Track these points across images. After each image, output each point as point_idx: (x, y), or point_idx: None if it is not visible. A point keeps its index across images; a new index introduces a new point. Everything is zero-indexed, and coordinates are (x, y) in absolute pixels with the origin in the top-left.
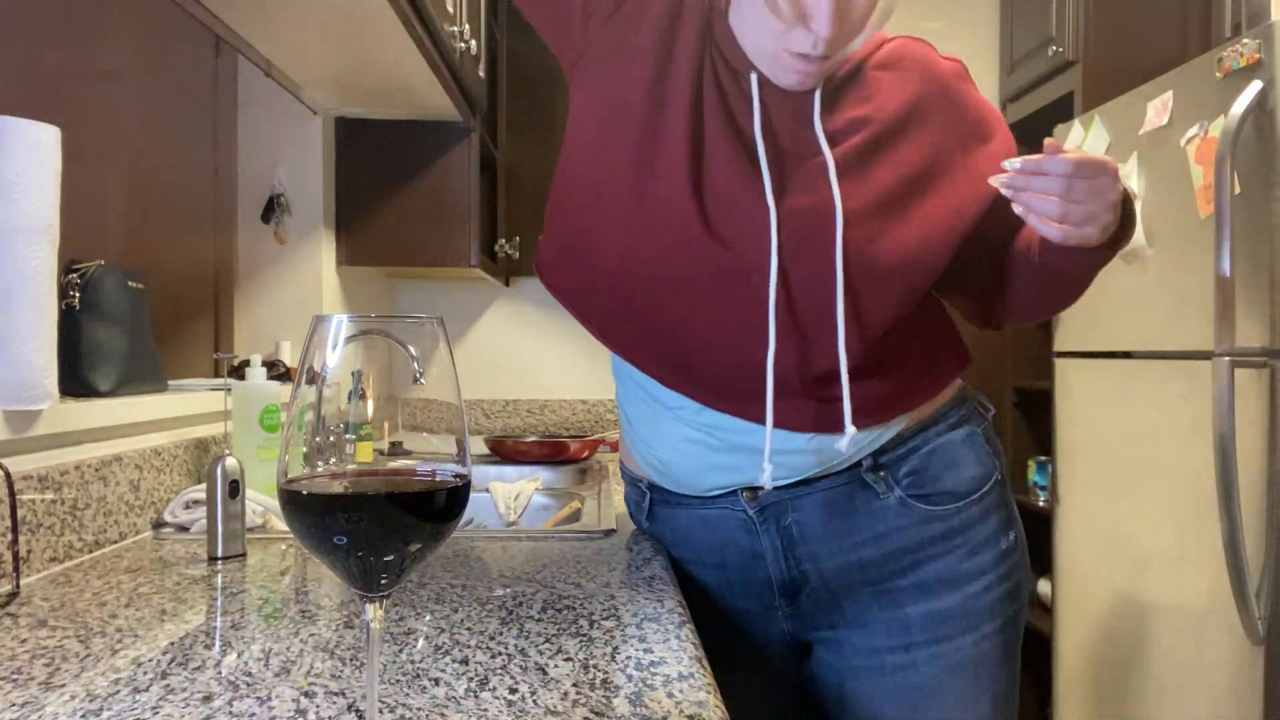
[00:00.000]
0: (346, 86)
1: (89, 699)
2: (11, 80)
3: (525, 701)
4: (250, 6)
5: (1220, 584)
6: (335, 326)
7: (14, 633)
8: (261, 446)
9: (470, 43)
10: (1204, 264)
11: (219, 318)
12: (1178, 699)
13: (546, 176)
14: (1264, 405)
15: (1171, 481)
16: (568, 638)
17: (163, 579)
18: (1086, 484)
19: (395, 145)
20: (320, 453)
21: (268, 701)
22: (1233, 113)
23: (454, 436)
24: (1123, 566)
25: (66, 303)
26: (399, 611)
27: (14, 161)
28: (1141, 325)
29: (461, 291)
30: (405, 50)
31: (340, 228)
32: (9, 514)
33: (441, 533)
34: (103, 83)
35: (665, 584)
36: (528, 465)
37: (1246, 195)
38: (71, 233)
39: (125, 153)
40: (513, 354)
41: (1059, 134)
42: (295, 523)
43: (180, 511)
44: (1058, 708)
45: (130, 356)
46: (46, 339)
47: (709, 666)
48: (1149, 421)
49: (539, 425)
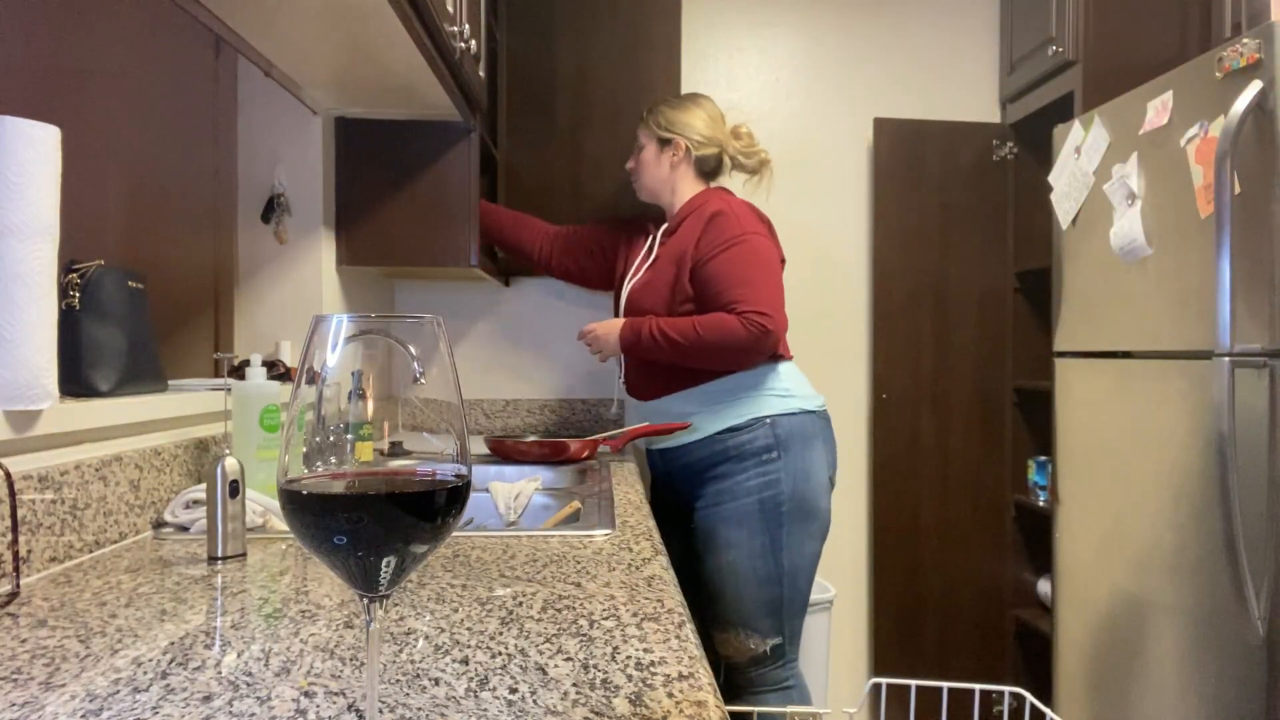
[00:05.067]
0: (346, 86)
1: (89, 699)
2: (11, 80)
3: (525, 701)
4: (250, 6)
5: (1220, 584)
6: (335, 326)
7: (14, 633)
8: (261, 446)
9: (470, 43)
10: (1204, 264)
11: (219, 318)
12: (1178, 699)
13: (546, 176)
14: (1264, 405)
15: (1171, 481)
16: (568, 638)
17: (163, 579)
18: (1086, 484)
19: (395, 145)
20: (320, 453)
21: (268, 701)
22: (1233, 113)
23: (454, 436)
24: (1123, 566)
25: (66, 303)
26: (399, 611)
27: (14, 161)
28: (1141, 325)
29: (461, 291)
30: (405, 50)
31: (340, 228)
32: (9, 514)
33: (442, 533)
34: (103, 83)
35: (665, 584)
36: (528, 465)
37: (1246, 195)
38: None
39: (125, 153)
40: (513, 354)
41: (1059, 134)
42: (295, 523)
43: (180, 511)
44: (1058, 707)
45: (130, 356)
46: (46, 339)
47: (709, 666)
48: (1149, 421)
49: (539, 425)
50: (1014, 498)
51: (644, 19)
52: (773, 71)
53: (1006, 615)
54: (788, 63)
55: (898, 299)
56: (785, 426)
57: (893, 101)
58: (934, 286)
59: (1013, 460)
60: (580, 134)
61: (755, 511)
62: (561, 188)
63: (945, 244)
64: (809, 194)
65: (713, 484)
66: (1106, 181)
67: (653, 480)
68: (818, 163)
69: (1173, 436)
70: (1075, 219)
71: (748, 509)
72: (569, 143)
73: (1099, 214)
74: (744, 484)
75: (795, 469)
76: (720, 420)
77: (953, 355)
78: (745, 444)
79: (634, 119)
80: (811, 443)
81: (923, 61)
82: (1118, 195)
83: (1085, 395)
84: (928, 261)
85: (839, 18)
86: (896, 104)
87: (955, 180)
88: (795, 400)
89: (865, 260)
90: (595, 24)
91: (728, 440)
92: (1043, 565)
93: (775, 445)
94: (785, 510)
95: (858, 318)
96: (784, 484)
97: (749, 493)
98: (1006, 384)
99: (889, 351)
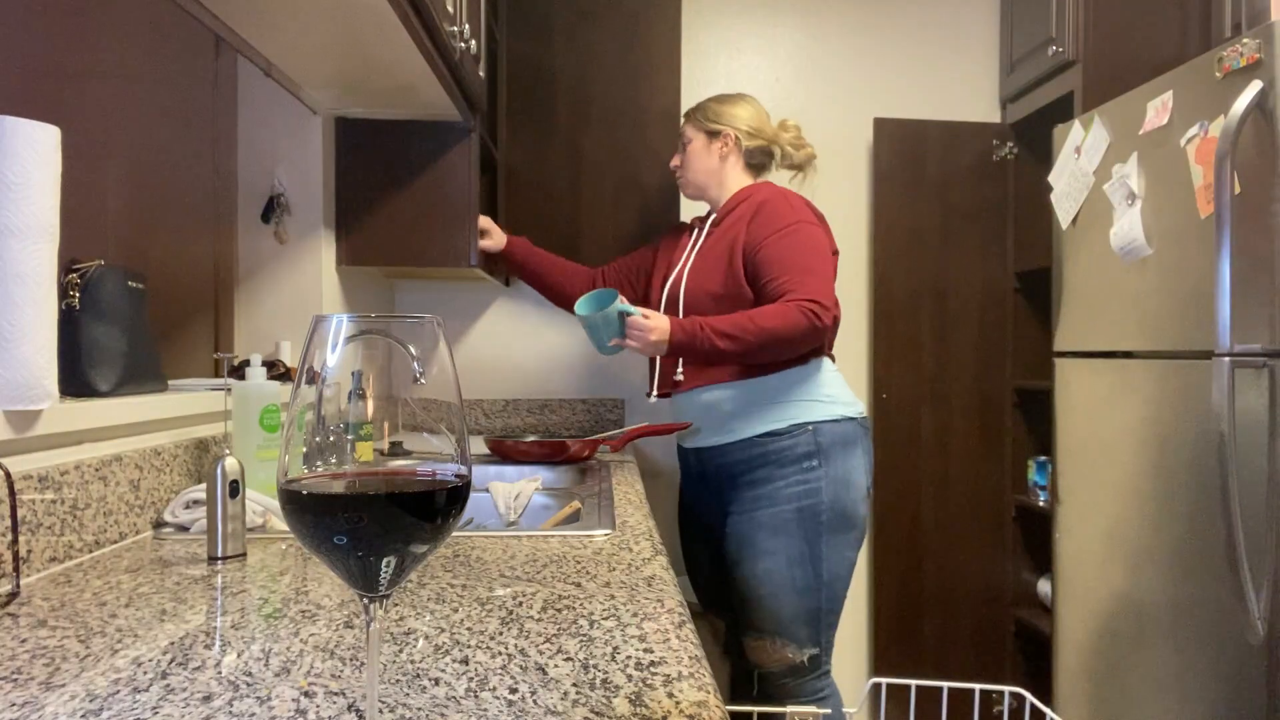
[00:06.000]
0: (346, 86)
1: (89, 699)
2: (11, 80)
3: (525, 701)
4: (250, 6)
5: (1220, 584)
6: (335, 326)
7: (14, 633)
8: (261, 446)
9: (470, 43)
10: (1204, 264)
11: (219, 318)
12: (1178, 699)
13: (546, 176)
14: (1264, 405)
15: (1171, 482)
16: (568, 638)
17: (163, 579)
18: (1086, 484)
19: (395, 145)
20: (320, 453)
21: (268, 701)
22: (1233, 113)
23: (454, 436)
24: (1122, 566)
25: (66, 303)
26: (399, 611)
27: (14, 161)
28: (1141, 325)
29: (461, 291)
30: (405, 50)
31: (340, 228)
32: (9, 514)
33: (441, 533)
34: (103, 83)
35: (665, 584)
36: (528, 465)
37: (1246, 195)
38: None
39: (125, 153)
40: (513, 354)
41: (1059, 134)
42: (295, 523)
43: (180, 511)
44: (1058, 707)
45: (130, 356)
46: (46, 339)
47: (710, 666)
48: (1149, 421)
49: (539, 425)
50: (1014, 498)
51: (644, 19)
52: (773, 71)
53: (1006, 615)
54: (788, 62)
55: (898, 299)
56: (827, 434)
57: (893, 101)
58: (934, 286)
59: (1013, 460)
60: (580, 134)
61: (794, 519)
62: (561, 188)
63: (945, 244)
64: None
65: (750, 488)
66: (1106, 181)
67: (683, 478)
68: (818, 163)
69: (1173, 436)
70: (1075, 219)
71: (786, 516)
72: (569, 143)
73: (1099, 214)
74: (783, 490)
75: (836, 477)
76: (762, 423)
77: (953, 355)
78: (786, 449)
79: (634, 118)
80: (852, 450)
81: (923, 61)
82: (1118, 195)
83: (1085, 395)
84: (928, 261)
85: (839, 17)
86: (896, 104)
87: (955, 180)
88: (839, 407)
89: (865, 260)
90: (595, 24)
91: (769, 444)
92: (1043, 565)
93: (817, 452)
94: (825, 520)
95: (858, 318)
96: (825, 493)
97: (789, 500)
98: (1006, 384)
99: (889, 351)
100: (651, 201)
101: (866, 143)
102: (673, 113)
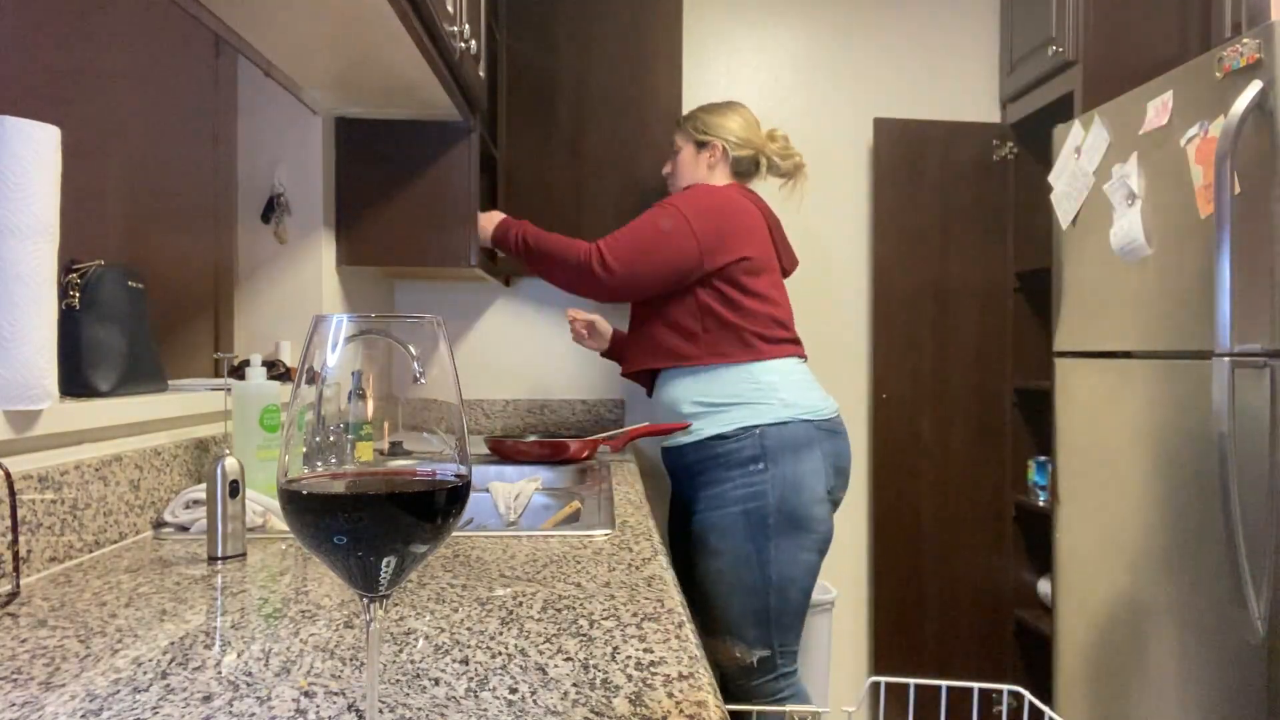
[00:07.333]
0: (346, 86)
1: (89, 699)
2: (11, 80)
3: (525, 701)
4: (250, 6)
5: (1220, 584)
6: (335, 326)
7: (14, 633)
8: (261, 446)
9: (470, 43)
10: (1204, 264)
11: (219, 318)
12: (1178, 699)
13: (546, 176)
14: (1264, 405)
15: (1172, 482)
16: (568, 638)
17: (163, 579)
18: (1086, 484)
19: (395, 145)
20: (320, 453)
21: (268, 701)
22: (1233, 113)
23: (454, 436)
24: (1122, 566)
25: (66, 303)
26: (399, 611)
27: (14, 161)
28: (1141, 325)
29: (461, 291)
30: (405, 50)
31: (340, 228)
32: (9, 514)
33: (441, 533)
34: (103, 83)
35: (665, 584)
36: (528, 465)
37: (1246, 195)
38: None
39: (125, 153)
40: (513, 354)
41: (1059, 134)
42: (295, 523)
43: (180, 511)
44: (1058, 707)
45: (130, 356)
46: (46, 339)
47: (710, 666)
48: (1149, 421)
49: (539, 425)
50: (1014, 498)
51: (644, 18)
52: (773, 71)
53: (1006, 615)
54: (788, 63)
55: (898, 299)
56: (774, 437)
57: (893, 101)
58: (934, 286)
59: (1013, 460)
60: (580, 134)
61: (740, 521)
62: (561, 188)
63: (945, 244)
64: (809, 194)
65: (704, 489)
66: (1106, 181)
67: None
68: (818, 163)
69: (1173, 436)
70: (1075, 219)
71: (733, 518)
72: (569, 143)
73: (1099, 214)
74: (730, 492)
75: (783, 480)
76: (711, 425)
77: (952, 355)
78: (733, 452)
79: (634, 118)
80: (805, 453)
81: (923, 61)
82: (1118, 195)
83: (1085, 395)
84: (928, 261)
85: (839, 18)
86: (896, 104)
87: (955, 180)
88: (792, 410)
89: (865, 260)
90: (596, 24)
91: (717, 447)
92: (1043, 565)
93: (762, 456)
94: (772, 522)
95: (858, 318)
96: (770, 495)
97: (734, 502)
98: (1006, 384)
99: (889, 351)
100: (652, 201)
101: (866, 143)
102: (673, 112)
